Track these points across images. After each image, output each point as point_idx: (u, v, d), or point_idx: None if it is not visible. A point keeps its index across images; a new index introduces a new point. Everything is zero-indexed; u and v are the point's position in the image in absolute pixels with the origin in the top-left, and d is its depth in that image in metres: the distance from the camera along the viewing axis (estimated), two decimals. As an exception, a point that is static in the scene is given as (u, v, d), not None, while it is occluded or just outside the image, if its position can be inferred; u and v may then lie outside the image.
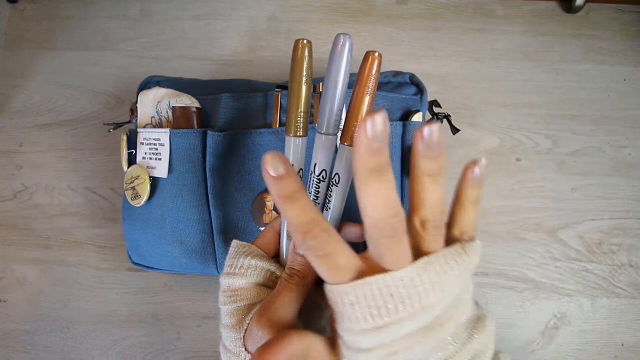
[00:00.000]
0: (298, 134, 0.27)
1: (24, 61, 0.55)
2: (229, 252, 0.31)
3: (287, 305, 0.27)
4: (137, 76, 0.45)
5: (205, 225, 0.38)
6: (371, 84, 0.25)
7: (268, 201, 0.36)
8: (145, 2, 0.56)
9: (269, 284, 0.30)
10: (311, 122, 0.37)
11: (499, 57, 0.52)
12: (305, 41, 0.25)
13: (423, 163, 0.21)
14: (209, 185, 0.37)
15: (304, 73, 0.26)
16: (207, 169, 0.37)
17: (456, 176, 0.24)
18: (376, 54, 0.24)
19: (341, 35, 0.24)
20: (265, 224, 0.37)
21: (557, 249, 0.46)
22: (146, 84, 0.42)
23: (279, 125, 0.37)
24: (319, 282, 0.30)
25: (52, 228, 0.49)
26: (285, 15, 0.55)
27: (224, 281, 0.30)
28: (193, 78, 0.45)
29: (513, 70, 0.52)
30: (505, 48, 0.53)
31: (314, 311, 0.33)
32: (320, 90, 0.38)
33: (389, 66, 0.51)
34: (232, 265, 0.29)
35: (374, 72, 0.24)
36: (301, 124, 0.27)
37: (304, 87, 0.26)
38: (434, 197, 0.21)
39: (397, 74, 0.40)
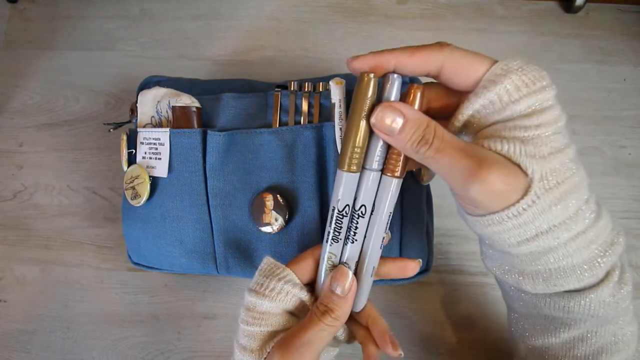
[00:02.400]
0: (352, 169, 0.26)
1: (24, 61, 0.55)
2: (261, 268, 0.29)
3: (313, 343, 0.26)
4: (137, 76, 0.45)
5: (205, 225, 0.38)
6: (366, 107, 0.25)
7: (268, 201, 0.36)
8: (145, 2, 0.56)
9: (297, 312, 0.29)
10: (311, 122, 0.37)
11: (499, 57, 0.52)
12: (372, 75, 0.24)
13: None
14: (208, 185, 0.37)
15: (365, 108, 0.25)
16: (207, 168, 0.37)
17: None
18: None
19: (390, 75, 0.25)
20: (266, 224, 0.37)
21: (557, 249, 0.46)
22: (146, 84, 0.42)
23: (279, 125, 0.37)
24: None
25: (52, 228, 0.49)
26: (285, 15, 0.55)
27: (251, 299, 0.28)
28: (193, 78, 0.45)
29: (513, 70, 0.52)
30: (505, 48, 0.53)
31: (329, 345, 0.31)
32: (321, 90, 0.38)
33: (389, 66, 0.51)
34: (262, 284, 0.28)
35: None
36: (356, 160, 0.25)
37: (363, 123, 0.25)
38: None
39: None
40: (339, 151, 0.34)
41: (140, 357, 0.45)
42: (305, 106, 0.37)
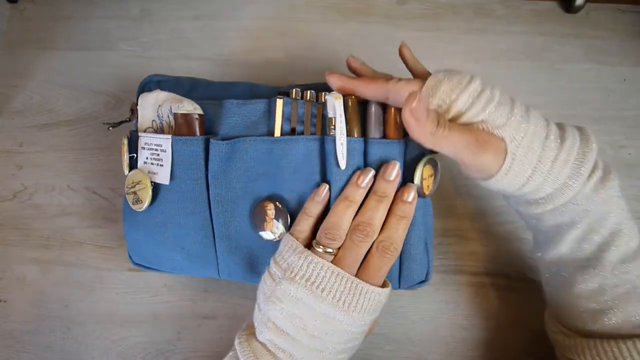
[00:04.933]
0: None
1: (24, 61, 0.55)
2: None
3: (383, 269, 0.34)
4: (137, 76, 0.45)
5: (207, 232, 0.38)
6: None
7: (269, 210, 0.36)
8: (145, 2, 0.56)
9: None
10: (313, 133, 0.37)
11: (499, 57, 0.52)
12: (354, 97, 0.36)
13: None
14: (211, 192, 0.37)
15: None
16: (209, 176, 0.37)
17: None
18: None
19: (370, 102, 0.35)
20: (267, 232, 0.37)
21: (557, 249, 0.46)
22: (146, 84, 0.42)
23: (281, 133, 0.37)
24: None
25: (52, 228, 0.49)
26: (286, 15, 0.55)
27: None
28: (194, 77, 0.44)
29: (513, 70, 0.52)
30: (505, 48, 0.53)
31: None
32: (324, 100, 0.37)
33: (388, 67, 0.51)
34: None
35: None
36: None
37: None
38: None
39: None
40: (341, 161, 0.34)
41: (140, 357, 0.45)
42: (307, 116, 0.37)
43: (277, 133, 0.37)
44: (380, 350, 0.43)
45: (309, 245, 0.34)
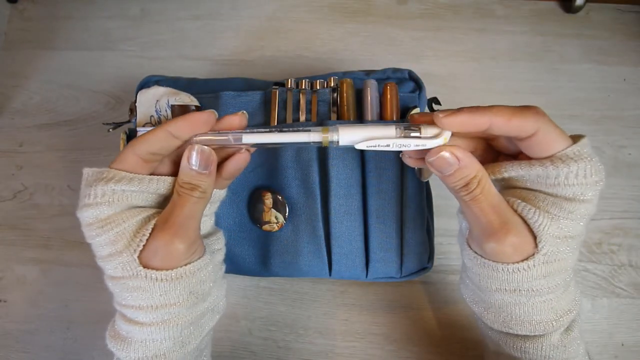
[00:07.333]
0: None
1: (24, 61, 0.55)
2: (83, 180, 0.28)
3: (193, 215, 0.27)
4: (137, 76, 0.45)
5: None
6: None
7: (267, 199, 0.36)
8: (145, 2, 0.56)
9: (142, 203, 0.28)
10: (309, 119, 0.37)
11: (499, 57, 0.52)
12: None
13: None
14: None
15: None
16: None
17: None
18: None
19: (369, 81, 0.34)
20: (266, 222, 0.37)
21: (557, 249, 0.46)
22: (145, 84, 0.42)
23: (277, 122, 0.37)
24: None
25: (52, 228, 0.49)
26: (285, 15, 0.55)
27: (86, 214, 0.27)
28: (192, 77, 0.45)
29: (513, 70, 0.52)
30: (505, 48, 0.53)
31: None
32: (318, 87, 0.38)
33: (388, 67, 0.51)
34: (89, 195, 0.27)
35: None
36: None
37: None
38: None
39: (396, 70, 0.41)
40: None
41: (140, 357, 0.45)
42: (303, 103, 0.37)
43: (274, 122, 0.37)
44: (381, 350, 0.43)
45: None
